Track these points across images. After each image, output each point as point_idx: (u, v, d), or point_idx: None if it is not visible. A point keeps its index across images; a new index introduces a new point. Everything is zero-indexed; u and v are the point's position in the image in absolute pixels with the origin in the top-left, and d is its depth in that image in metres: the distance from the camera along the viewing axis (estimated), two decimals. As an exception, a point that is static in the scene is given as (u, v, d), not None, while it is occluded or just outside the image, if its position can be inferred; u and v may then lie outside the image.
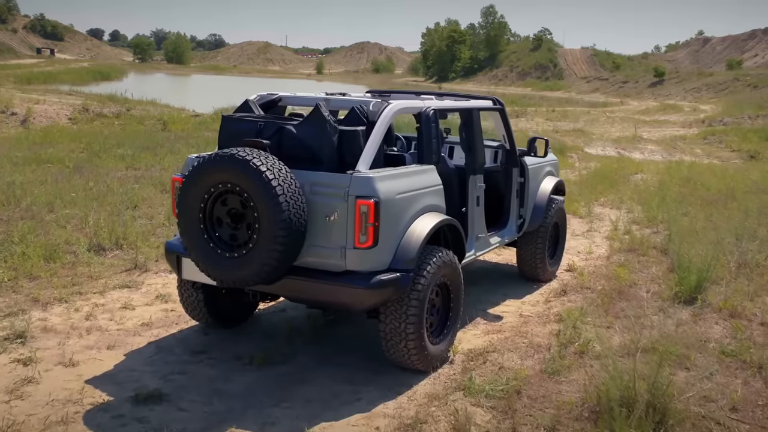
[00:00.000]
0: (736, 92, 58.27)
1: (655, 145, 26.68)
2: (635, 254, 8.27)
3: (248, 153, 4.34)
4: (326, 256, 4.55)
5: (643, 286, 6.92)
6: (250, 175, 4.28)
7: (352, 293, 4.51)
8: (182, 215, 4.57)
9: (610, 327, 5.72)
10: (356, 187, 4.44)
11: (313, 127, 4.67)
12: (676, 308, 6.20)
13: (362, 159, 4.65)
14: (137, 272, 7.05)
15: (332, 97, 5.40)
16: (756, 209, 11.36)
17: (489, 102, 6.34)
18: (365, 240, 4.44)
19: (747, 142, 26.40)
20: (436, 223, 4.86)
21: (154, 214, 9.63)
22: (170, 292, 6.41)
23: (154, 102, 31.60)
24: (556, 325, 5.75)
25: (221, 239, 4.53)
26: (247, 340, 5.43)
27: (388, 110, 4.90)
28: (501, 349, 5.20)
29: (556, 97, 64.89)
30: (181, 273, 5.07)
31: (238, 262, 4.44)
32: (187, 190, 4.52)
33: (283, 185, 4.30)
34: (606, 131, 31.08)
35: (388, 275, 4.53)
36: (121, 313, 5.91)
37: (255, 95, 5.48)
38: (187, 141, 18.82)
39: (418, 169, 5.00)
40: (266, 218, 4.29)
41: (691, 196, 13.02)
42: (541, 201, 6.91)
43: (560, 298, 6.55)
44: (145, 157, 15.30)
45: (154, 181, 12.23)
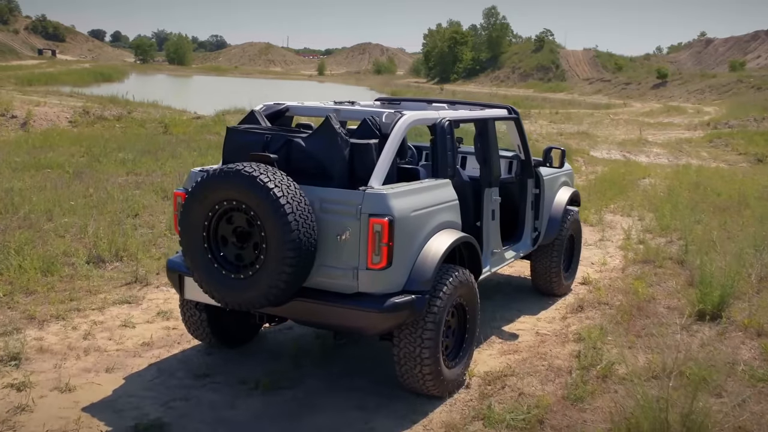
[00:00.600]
0: (739, 94, 57.99)
1: (660, 149, 26.42)
2: (651, 266, 8.02)
3: (255, 168, 4.09)
4: (337, 276, 4.30)
5: (662, 300, 6.67)
6: (257, 192, 4.03)
7: (365, 317, 4.25)
8: (185, 233, 4.33)
9: (632, 347, 5.47)
10: (369, 204, 4.20)
11: (323, 141, 4.43)
12: (699, 326, 5.95)
13: (375, 174, 4.40)
14: (138, 286, 6.80)
15: (342, 107, 5.15)
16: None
17: (504, 111, 6.09)
18: (379, 261, 4.19)
19: (754, 146, 26.14)
20: (452, 241, 4.61)
21: (155, 222, 9.38)
22: (172, 309, 6.16)
23: (156, 104, 31.39)
24: (575, 345, 5.50)
25: (226, 259, 4.29)
26: (252, 362, 5.18)
27: (402, 122, 4.65)
28: (520, 373, 4.95)
29: (558, 98, 64.60)
30: (184, 292, 4.82)
31: (244, 284, 4.20)
32: (190, 207, 4.27)
33: (291, 203, 4.05)
34: (610, 134, 30.82)
35: (403, 297, 4.28)
36: (120, 331, 5.67)
37: (261, 105, 5.23)
38: (189, 145, 18.59)
39: (433, 184, 4.75)
40: (274, 238, 4.04)
41: (703, 202, 12.76)
42: (557, 213, 6.66)
43: (577, 315, 6.30)
44: (146, 162, 15.07)
45: (155, 188, 11.99)
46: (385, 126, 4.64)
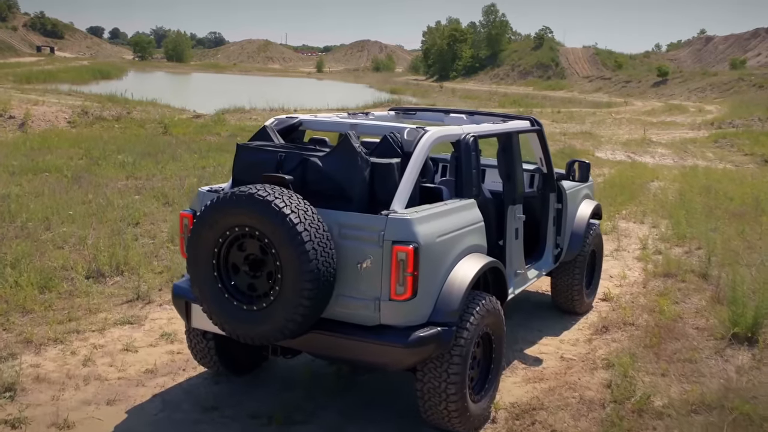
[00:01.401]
0: (741, 92, 57.69)
1: (665, 149, 26.13)
2: (673, 280, 7.71)
3: (269, 192, 3.78)
4: (357, 307, 3.99)
5: (689, 320, 6.36)
6: (271, 218, 3.72)
7: (388, 352, 3.94)
8: (192, 261, 4.01)
9: (665, 374, 5.16)
10: (393, 230, 3.88)
11: (341, 160, 4.11)
12: (732, 349, 5.64)
13: (397, 197, 4.09)
14: (139, 304, 6.48)
15: (358, 121, 4.82)
16: (788, 225, 10.81)
17: (527, 123, 5.77)
18: (403, 291, 3.88)
19: (759, 146, 25.86)
20: (480, 267, 4.30)
21: (156, 232, 9.07)
22: (176, 330, 5.85)
23: (155, 102, 31.11)
24: (604, 373, 5.19)
25: (237, 289, 3.97)
26: (262, 392, 4.86)
27: (426, 140, 4.33)
28: (549, 406, 4.63)
29: (558, 96, 64.26)
30: (191, 321, 4.51)
31: (258, 316, 3.89)
32: (198, 233, 3.96)
33: (309, 230, 3.74)
34: (614, 134, 30.51)
35: (429, 331, 3.96)
36: (122, 356, 5.35)
37: (273, 120, 4.91)
38: (189, 146, 18.28)
39: (458, 206, 4.43)
40: (291, 268, 3.73)
41: (717, 208, 12.46)
42: (579, 228, 6.35)
43: (602, 336, 5.99)
44: (146, 165, 14.75)
45: (156, 193, 11.69)
46: (407, 143, 4.32)
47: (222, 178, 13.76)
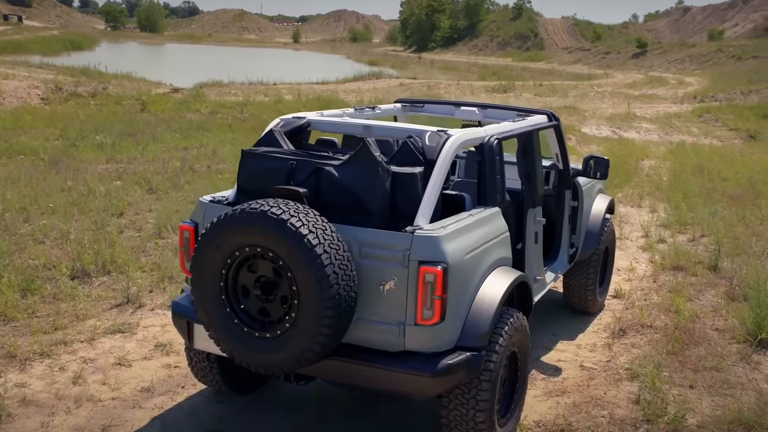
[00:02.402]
0: (719, 64, 57.71)
1: (649, 124, 25.97)
2: (683, 273, 7.47)
3: (284, 210, 3.41)
4: (379, 332, 3.65)
5: (707, 320, 6.12)
6: (287, 239, 3.35)
7: (415, 381, 3.62)
8: (197, 282, 3.64)
9: (693, 386, 4.91)
10: (419, 249, 3.53)
11: (360, 170, 3.73)
12: (758, 354, 5.40)
13: (422, 210, 3.74)
14: (130, 308, 6.09)
15: (373, 123, 4.42)
16: (788, 210, 10.64)
17: (544, 117, 5.42)
18: (430, 316, 3.54)
19: (744, 121, 25.81)
20: (509, 284, 3.97)
21: (141, 223, 8.64)
22: (171, 339, 5.48)
23: (130, 76, 30.29)
24: (630, 385, 4.92)
25: (248, 314, 3.62)
26: (270, 414, 4.53)
27: (450, 146, 3.96)
28: (578, 427, 4.35)
29: (538, 68, 63.91)
30: (194, 342, 4.14)
31: (272, 344, 3.54)
32: (203, 253, 3.58)
33: (329, 252, 3.38)
34: (597, 108, 30.30)
35: (457, 357, 3.64)
36: (115, 372, 4.98)
37: (278, 120, 4.50)
38: (169, 125, 17.73)
39: (484, 216, 4.08)
40: (309, 294, 3.38)
41: (714, 191, 12.26)
42: (594, 225, 6.04)
43: (621, 341, 5.72)
44: (126, 146, 14.24)
45: (138, 178, 11.22)
46: (430, 150, 3.95)
47: (205, 160, 13.31)
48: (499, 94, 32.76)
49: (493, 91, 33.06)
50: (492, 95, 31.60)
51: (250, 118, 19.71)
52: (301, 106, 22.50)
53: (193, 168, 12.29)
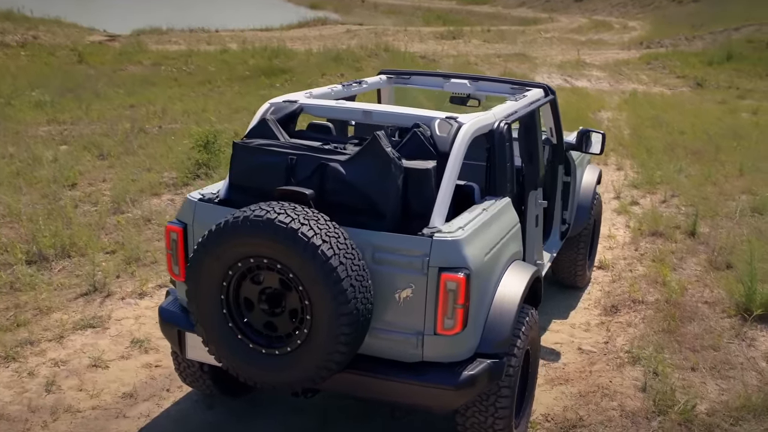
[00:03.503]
0: (661, 8, 57.97)
1: (600, 71, 25.97)
2: (662, 240, 7.40)
3: (293, 217, 3.07)
4: (395, 342, 3.39)
5: (695, 292, 6.05)
6: (299, 251, 3.03)
7: (436, 395, 3.38)
8: (194, 297, 3.30)
9: (695, 369, 4.82)
10: (439, 255, 3.25)
11: (371, 167, 3.40)
12: (750, 329, 5.35)
13: (437, 209, 3.44)
14: (98, 297, 5.68)
15: (373, 108, 4.05)
16: (749, 166, 10.72)
17: (541, 92, 5.13)
18: (452, 325, 3.29)
19: (690, 68, 26.07)
20: (526, 283, 3.74)
21: (97, 196, 8.13)
22: (148, 335, 5.13)
23: (59, 20, 28.58)
24: (632, 370, 4.80)
25: (253, 328, 3.31)
26: (266, 419, 4.25)
27: (464, 136, 3.65)
28: (590, 423, 4.20)
29: (483, 12, 63.22)
30: (186, 352, 3.81)
31: (281, 361, 3.24)
32: (201, 263, 3.23)
33: (345, 263, 3.07)
34: (547, 55, 30.13)
35: (479, 366, 3.41)
36: (91, 375, 4.61)
37: (268, 106, 4.07)
38: (111, 79, 16.86)
39: (497, 209, 3.81)
40: (324, 310, 3.08)
41: (676, 146, 12.28)
42: (585, 200, 5.85)
43: (615, 318, 5.60)
44: (68, 105, 13.47)
45: (86, 142, 10.58)
46: (441, 141, 3.63)
47: (156, 119, 12.65)
48: (448, 40, 32.27)
49: (441, 38, 32.54)
50: (441, 42, 31.10)
51: (196, 71, 18.90)
52: (249, 56, 21.70)
53: (143, 129, 11.67)
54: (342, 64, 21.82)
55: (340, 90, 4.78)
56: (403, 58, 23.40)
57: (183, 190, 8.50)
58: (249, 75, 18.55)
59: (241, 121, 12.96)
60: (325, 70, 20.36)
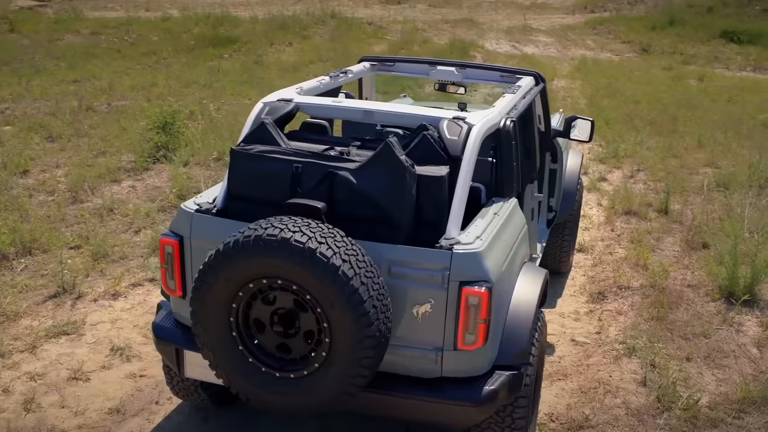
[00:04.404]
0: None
1: (547, 37, 26.04)
2: (636, 219, 7.42)
3: (309, 235, 2.87)
4: (412, 358, 3.25)
5: (678, 275, 6.06)
6: (318, 273, 2.84)
7: (457, 412, 3.26)
8: (200, 319, 3.09)
9: (690, 359, 4.83)
10: (460, 268, 3.10)
11: (384, 176, 3.20)
12: (737, 314, 5.39)
13: (453, 219, 3.28)
14: (68, 300, 5.37)
15: (374, 108, 3.82)
16: (707, 137, 10.88)
17: (531, 79, 4.98)
18: (474, 341, 3.16)
19: (635, 33, 26.37)
20: (540, 289, 3.63)
21: (53, 184, 7.70)
22: (128, 340, 4.87)
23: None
24: (629, 362, 4.77)
25: (264, 351, 3.12)
26: (264, 428, 4.08)
27: (476, 139, 3.47)
28: (596, 422, 4.15)
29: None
30: (184, 371, 3.60)
31: (297, 385, 3.07)
32: (207, 284, 3.01)
33: (366, 283, 2.90)
34: (493, 20, 30.05)
35: (499, 380, 3.29)
36: (72, 390, 4.34)
37: (261, 105, 3.80)
38: (50, 50, 16.12)
39: (508, 213, 3.67)
40: (345, 333, 2.91)
41: (633, 117, 12.37)
42: (571, 186, 5.78)
43: (603, 306, 5.57)
44: (5, 79, 12.80)
45: (31, 122, 10.07)
46: (452, 145, 3.45)
47: (103, 96, 12.10)
48: (393, 5, 31.82)
49: (387, 3, 32.06)
50: (386, 7, 30.66)
51: (139, 41, 18.19)
52: (192, 23, 21.00)
53: (92, 107, 11.15)
54: (289, 32, 21.32)
55: (328, 82, 4.55)
56: (350, 25, 23.00)
57: (143, 175, 8.13)
58: (195, 45, 17.93)
59: (193, 96, 12.53)
60: (272, 39, 19.86)
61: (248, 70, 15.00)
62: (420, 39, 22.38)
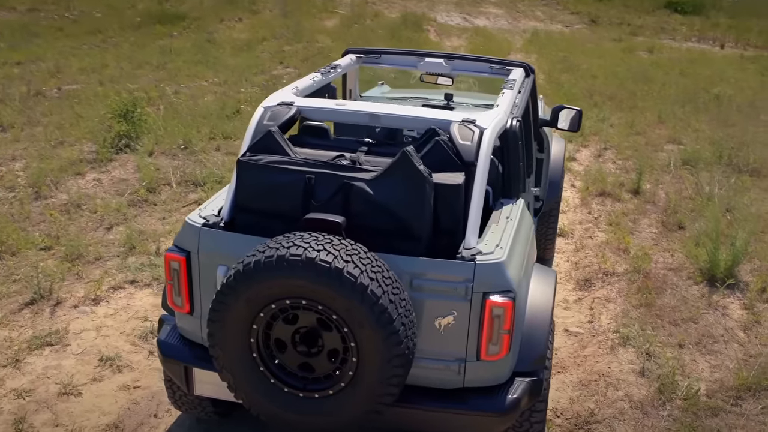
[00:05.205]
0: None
1: (496, 8, 26.06)
2: (611, 200, 7.51)
3: (334, 253, 2.77)
4: (433, 370, 3.19)
5: (659, 258, 6.16)
6: (346, 294, 2.75)
7: (481, 422, 3.23)
8: (218, 341, 2.97)
9: (682, 345, 4.91)
10: (484, 279, 3.04)
11: (401, 186, 3.10)
12: (720, 297, 5.50)
13: (470, 227, 3.21)
14: (46, 306, 5.15)
15: (382, 111, 3.70)
16: (666, 112, 11.07)
17: (521, 71, 4.92)
18: (497, 351, 3.12)
19: (582, 4, 26.62)
20: (552, 291, 3.61)
21: (11, 179, 7.37)
22: (116, 348, 4.69)
23: None
24: (625, 352, 4.82)
25: (286, 371, 3.03)
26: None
27: (488, 143, 3.39)
28: (602, 417, 4.18)
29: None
30: (193, 389, 3.48)
31: (322, 405, 2.99)
32: (226, 305, 2.89)
33: (394, 300, 2.83)
34: (440, -10, 29.86)
35: (520, 387, 3.26)
36: (64, 406, 4.17)
37: (262, 110, 3.62)
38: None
39: (519, 215, 3.63)
40: (373, 352, 2.83)
41: (593, 92, 12.48)
42: (556, 174, 5.77)
43: (591, 294, 5.61)
44: (-56, 63, 12.16)
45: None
46: (465, 150, 3.37)
47: (52, 80, 11.61)
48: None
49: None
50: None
51: (81, 18, 17.52)
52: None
53: (41, 92, 10.68)
54: (237, 6, 20.85)
55: (321, 79, 4.41)
56: (299, 0, 22.58)
57: (108, 166, 7.84)
58: (141, 22, 17.34)
59: (147, 78, 12.14)
60: (221, 14, 19.37)
61: (201, 49, 14.59)
62: (371, 12, 22.13)
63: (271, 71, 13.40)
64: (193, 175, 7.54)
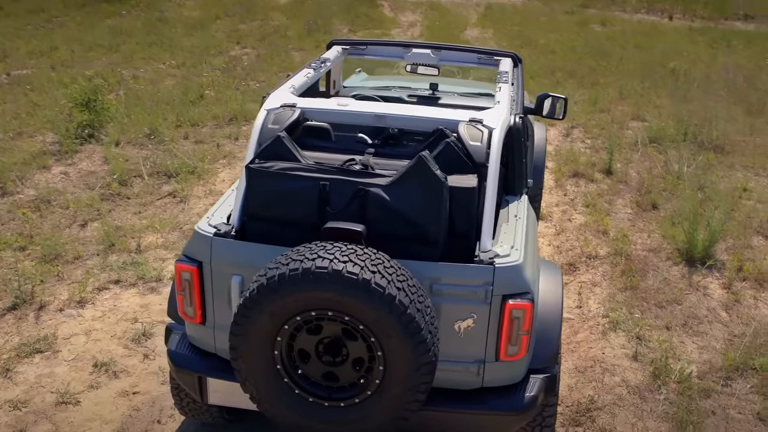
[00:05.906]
0: None
1: (448, -19, 25.94)
2: (585, 181, 7.61)
3: (361, 265, 2.75)
4: (453, 371, 3.22)
5: (638, 240, 6.29)
6: (375, 305, 2.74)
7: (500, 421, 3.27)
8: (241, 354, 2.93)
9: (669, 327, 5.04)
10: (503, 282, 3.07)
11: (418, 191, 3.08)
12: (699, 276, 5.67)
13: (485, 229, 3.22)
14: (30, 311, 5.01)
15: (387, 112, 3.64)
16: (627, 88, 11.25)
17: (510, 61, 4.93)
18: (516, 351, 3.16)
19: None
20: (561, 287, 3.66)
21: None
22: (110, 353, 4.60)
23: None
24: (616, 336, 4.93)
25: (310, 381, 3.01)
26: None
27: (498, 143, 3.39)
28: (602, 403, 4.27)
29: None
30: (207, 398, 3.44)
31: (348, 413, 2.99)
32: (251, 321, 2.86)
33: (420, 309, 2.83)
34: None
35: (536, 385, 3.31)
36: (64, 416, 4.07)
37: (265, 113, 3.54)
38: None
39: (525, 213, 3.66)
40: (402, 361, 2.84)
41: (554, 69, 12.59)
42: (540, 160, 5.82)
43: (577, 278, 5.70)
44: None
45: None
46: (476, 151, 3.36)
47: (0, 65, 11.18)
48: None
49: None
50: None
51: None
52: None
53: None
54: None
55: (314, 74, 4.34)
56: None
57: (74, 158, 7.61)
58: (86, 0, 16.79)
59: (100, 61, 11.80)
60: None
61: (153, 29, 14.22)
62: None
63: (229, 52, 13.15)
64: (165, 166, 7.38)
